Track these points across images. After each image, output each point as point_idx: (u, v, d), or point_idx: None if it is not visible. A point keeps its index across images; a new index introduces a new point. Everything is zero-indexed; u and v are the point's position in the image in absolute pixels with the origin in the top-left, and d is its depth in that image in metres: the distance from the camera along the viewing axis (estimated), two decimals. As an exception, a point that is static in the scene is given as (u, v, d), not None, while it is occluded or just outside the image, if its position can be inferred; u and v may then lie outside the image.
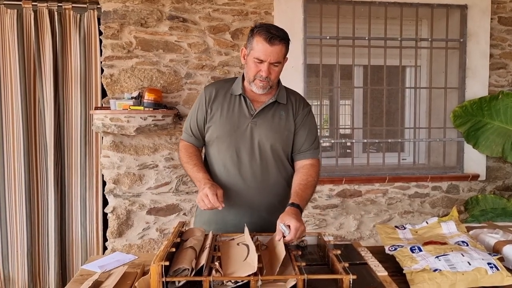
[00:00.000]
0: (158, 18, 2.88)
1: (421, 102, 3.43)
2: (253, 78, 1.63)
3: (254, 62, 1.60)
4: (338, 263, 1.18)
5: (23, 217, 2.86)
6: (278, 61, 1.59)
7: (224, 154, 1.69)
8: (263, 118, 1.69)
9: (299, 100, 1.78)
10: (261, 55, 1.58)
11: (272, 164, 1.71)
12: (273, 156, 1.70)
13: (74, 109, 2.90)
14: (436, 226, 1.64)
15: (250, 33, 1.63)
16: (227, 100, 1.71)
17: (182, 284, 1.11)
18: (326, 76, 3.45)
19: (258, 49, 1.58)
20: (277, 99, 1.71)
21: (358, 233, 3.19)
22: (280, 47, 1.58)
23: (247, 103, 1.69)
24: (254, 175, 1.68)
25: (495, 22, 3.26)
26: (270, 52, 1.57)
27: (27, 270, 2.88)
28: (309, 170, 1.71)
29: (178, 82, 2.94)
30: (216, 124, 1.69)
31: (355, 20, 3.08)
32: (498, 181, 3.34)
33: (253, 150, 1.68)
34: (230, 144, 1.68)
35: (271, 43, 1.56)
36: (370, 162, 3.25)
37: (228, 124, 1.68)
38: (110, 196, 2.91)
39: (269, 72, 1.60)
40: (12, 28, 2.78)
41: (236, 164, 1.68)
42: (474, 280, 1.25)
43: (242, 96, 1.70)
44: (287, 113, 1.73)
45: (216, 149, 1.72)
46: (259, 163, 1.69)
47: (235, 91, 1.71)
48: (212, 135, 1.71)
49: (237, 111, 1.69)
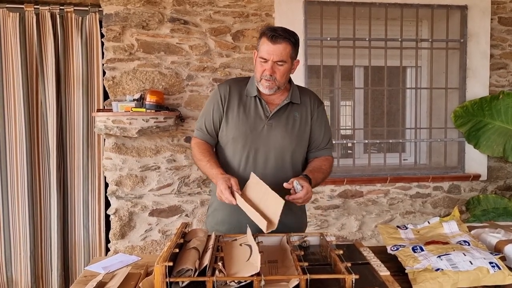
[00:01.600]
0: (160, 21, 2.89)
1: (422, 103, 3.44)
2: (260, 78, 1.65)
3: (260, 62, 1.63)
4: (341, 263, 1.18)
5: (26, 219, 2.87)
6: (281, 60, 1.60)
7: (240, 155, 1.70)
8: (278, 120, 1.70)
9: (313, 99, 1.80)
10: (264, 54, 1.60)
11: (287, 165, 1.72)
12: (288, 157, 1.72)
13: (76, 112, 2.91)
14: (437, 226, 1.65)
15: (259, 35, 1.67)
16: (243, 101, 1.72)
17: (186, 284, 1.12)
18: (327, 77, 3.46)
19: (262, 48, 1.61)
20: (292, 100, 1.72)
21: (360, 233, 3.19)
22: (283, 45, 1.59)
23: (262, 104, 1.71)
24: (269, 176, 1.68)
25: (495, 22, 3.26)
26: (273, 51, 1.59)
27: (30, 272, 2.89)
28: (323, 160, 1.77)
29: (179, 84, 2.95)
30: (231, 125, 1.70)
31: (356, 21, 3.09)
32: (499, 181, 3.34)
33: (268, 151, 1.69)
34: (246, 145, 1.68)
35: (274, 41, 1.58)
36: (371, 162, 3.25)
37: (244, 126, 1.68)
38: (113, 198, 2.92)
39: (272, 70, 1.61)
40: (14, 31, 2.80)
41: (251, 165, 1.69)
42: (476, 279, 1.25)
43: (258, 98, 1.71)
44: (301, 113, 1.74)
45: (231, 149, 1.72)
46: (274, 164, 1.70)
47: (251, 93, 1.72)
48: (227, 135, 1.72)
49: (253, 112, 1.70)
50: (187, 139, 2.97)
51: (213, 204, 1.83)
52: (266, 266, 1.31)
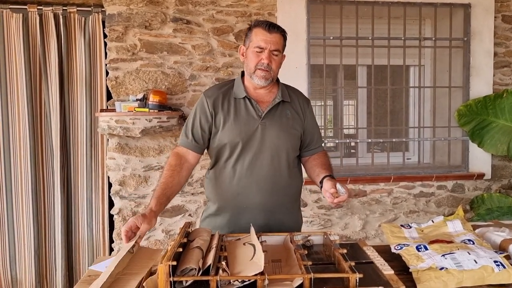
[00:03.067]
0: (162, 21, 2.90)
1: (425, 101, 3.43)
2: (254, 69, 1.63)
3: (255, 53, 1.62)
4: (344, 262, 1.18)
5: (30, 219, 2.89)
6: (277, 49, 1.62)
7: (236, 158, 1.67)
8: (272, 119, 1.68)
9: (301, 98, 1.80)
10: (261, 43, 1.61)
11: (283, 164, 1.70)
12: (284, 155, 1.70)
13: (80, 112, 2.92)
14: (442, 224, 1.64)
15: (247, 30, 1.68)
16: (232, 105, 1.68)
17: (190, 283, 1.12)
18: (330, 76, 3.46)
19: (257, 39, 1.61)
20: (283, 98, 1.72)
21: (364, 232, 3.19)
22: (278, 36, 1.63)
23: (253, 104, 1.68)
24: (266, 176, 1.67)
25: (499, 20, 3.25)
26: (270, 39, 1.60)
27: (34, 271, 2.90)
28: (324, 156, 1.79)
29: (182, 84, 2.95)
30: (224, 130, 1.66)
31: (359, 20, 3.09)
32: (503, 179, 3.33)
33: (264, 152, 1.67)
34: (242, 147, 1.65)
35: (270, 31, 1.61)
36: (374, 162, 3.24)
37: (237, 128, 1.65)
38: (116, 198, 2.92)
39: (270, 59, 1.62)
40: (18, 32, 2.81)
41: (248, 167, 1.66)
42: (480, 278, 1.25)
43: (247, 98, 1.68)
44: (292, 111, 1.73)
45: (226, 154, 1.68)
46: (270, 164, 1.67)
47: (239, 95, 1.69)
48: (220, 140, 1.67)
49: (244, 114, 1.67)
50: (190, 139, 2.97)
51: (209, 209, 1.78)
52: (269, 265, 1.31)
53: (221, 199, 1.70)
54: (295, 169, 1.77)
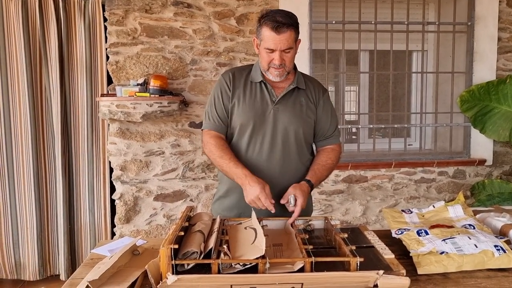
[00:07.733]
0: (163, 4, 2.86)
1: (427, 87, 3.41)
2: (267, 67, 1.64)
3: (266, 52, 1.60)
4: (345, 246, 1.19)
5: (32, 204, 2.90)
6: (289, 47, 1.59)
7: (247, 141, 1.69)
8: (285, 104, 1.69)
9: (317, 87, 1.79)
10: (271, 45, 1.57)
11: (294, 150, 1.72)
12: (295, 141, 1.71)
13: (80, 96, 2.91)
14: (443, 210, 1.65)
15: (257, 23, 1.62)
16: (248, 87, 1.70)
17: (191, 266, 1.13)
18: (332, 62, 3.43)
19: (266, 39, 1.57)
20: (298, 85, 1.72)
21: (364, 218, 3.20)
22: (288, 33, 1.56)
23: (268, 89, 1.70)
24: (276, 161, 1.69)
25: (504, 5, 3.20)
26: (279, 41, 1.56)
27: (37, 255, 2.93)
28: (329, 153, 1.78)
29: (183, 69, 2.93)
30: (239, 111, 1.69)
31: (361, 4, 3.05)
32: (505, 165, 3.32)
33: (276, 136, 1.68)
34: (253, 130, 1.68)
35: (278, 31, 1.54)
36: (376, 147, 3.24)
37: (251, 111, 1.67)
38: (118, 183, 2.93)
39: (281, 59, 1.60)
40: (17, 16, 2.78)
41: (259, 151, 1.69)
42: (480, 262, 1.26)
43: (263, 83, 1.70)
44: (306, 99, 1.74)
45: (238, 135, 1.71)
46: (281, 149, 1.69)
47: (255, 79, 1.71)
48: (235, 122, 1.70)
49: (259, 97, 1.69)
50: (191, 124, 2.96)
51: (219, 191, 1.84)
52: (271, 249, 1.32)
53: (231, 180, 1.71)
54: (307, 155, 1.78)
